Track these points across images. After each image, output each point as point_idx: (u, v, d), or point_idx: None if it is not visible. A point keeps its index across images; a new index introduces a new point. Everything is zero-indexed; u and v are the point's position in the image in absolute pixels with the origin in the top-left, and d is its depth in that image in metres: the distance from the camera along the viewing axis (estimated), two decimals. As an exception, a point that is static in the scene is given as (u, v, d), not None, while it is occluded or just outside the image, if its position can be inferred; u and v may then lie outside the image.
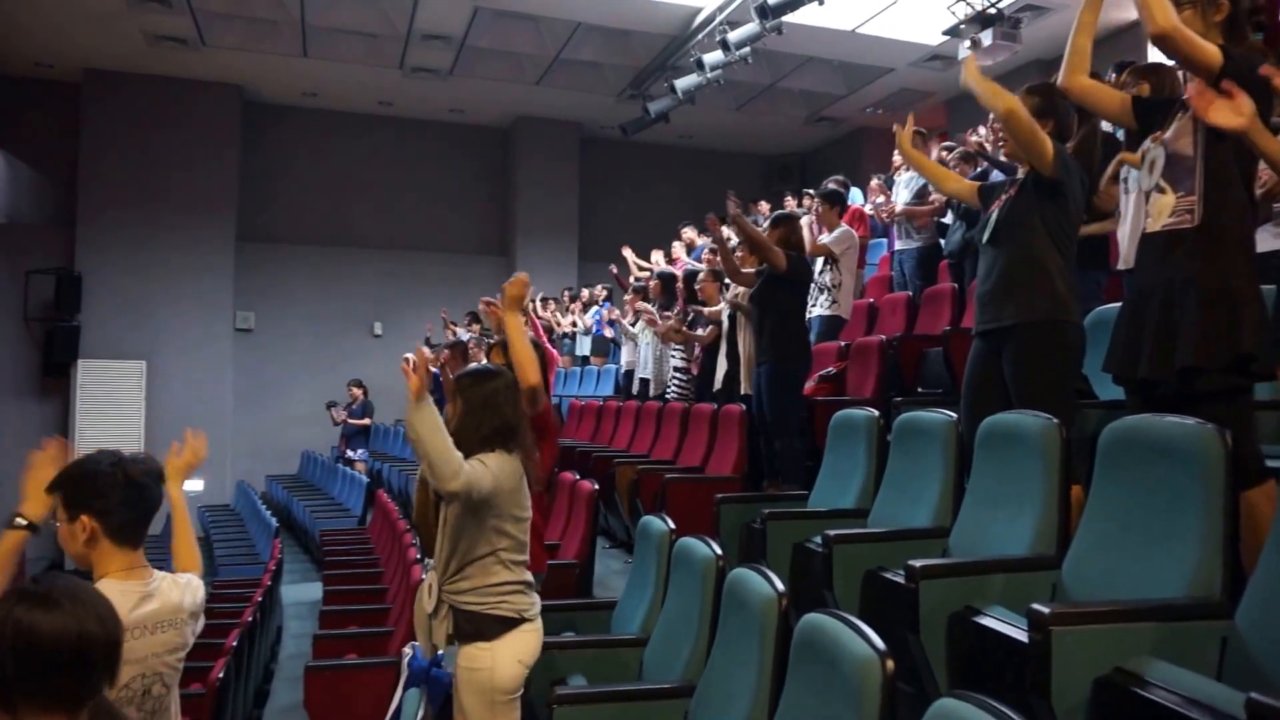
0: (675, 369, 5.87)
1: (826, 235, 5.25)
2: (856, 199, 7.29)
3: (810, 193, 7.75)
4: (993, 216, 2.64)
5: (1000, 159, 4.29)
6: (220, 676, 2.94)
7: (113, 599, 1.23)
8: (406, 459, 8.52)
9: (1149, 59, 3.71)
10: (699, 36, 8.50)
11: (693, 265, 6.93)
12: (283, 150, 11.46)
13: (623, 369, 7.40)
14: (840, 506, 2.92)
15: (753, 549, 2.88)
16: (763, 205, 8.99)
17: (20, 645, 1.11)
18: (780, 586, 1.86)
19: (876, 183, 6.42)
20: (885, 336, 4.66)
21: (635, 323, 6.66)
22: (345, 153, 11.66)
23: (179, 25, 8.97)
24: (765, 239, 4.10)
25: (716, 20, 8.04)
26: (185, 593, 1.71)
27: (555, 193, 11.98)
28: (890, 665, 1.36)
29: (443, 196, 12.09)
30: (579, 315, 9.32)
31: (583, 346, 9.14)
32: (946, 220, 5.35)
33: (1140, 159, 2.23)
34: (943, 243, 5.43)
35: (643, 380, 6.54)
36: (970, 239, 5.10)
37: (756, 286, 4.22)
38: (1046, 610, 1.49)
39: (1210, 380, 1.95)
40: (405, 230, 11.89)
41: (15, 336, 10.12)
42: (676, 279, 6.38)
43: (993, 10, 7.48)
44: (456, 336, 7.85)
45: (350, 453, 9.88)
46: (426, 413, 1.99)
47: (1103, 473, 1.89)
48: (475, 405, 2.21)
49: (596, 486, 3.90)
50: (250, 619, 3.89)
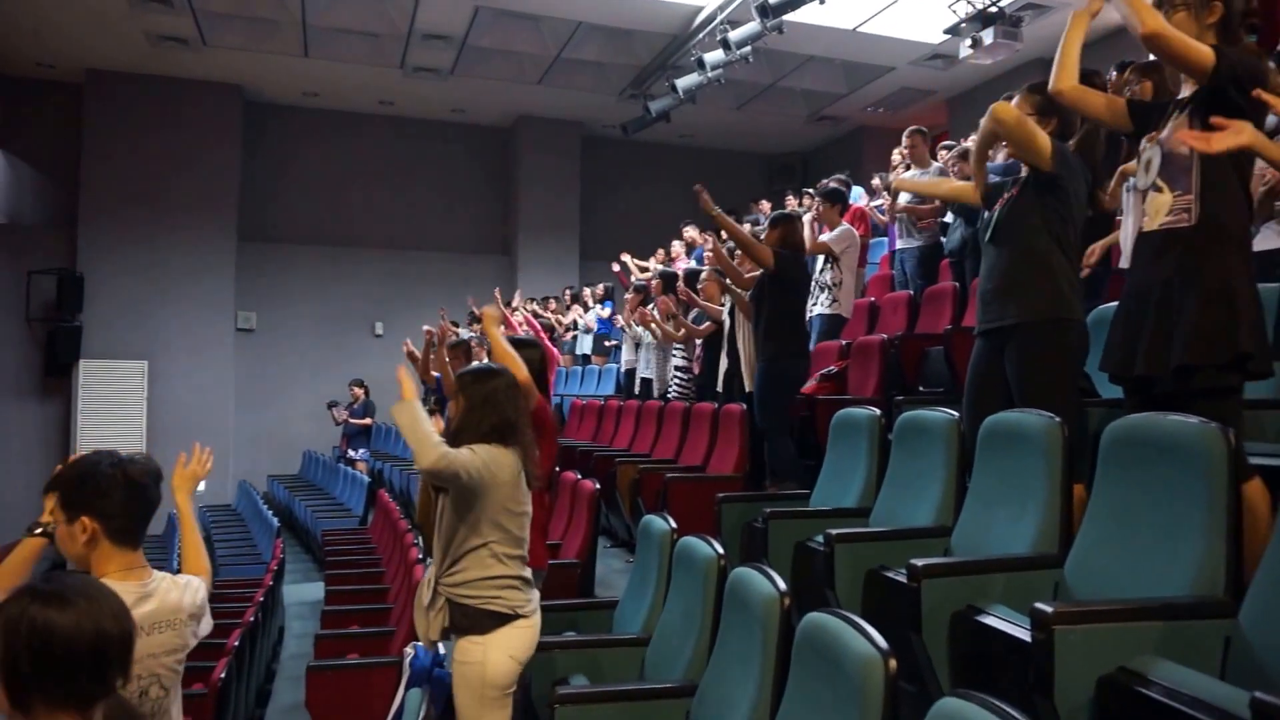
0: (676, 368, 5.87)
1: (827, 234, 5.24)
2: (858, 197, 7.28)
3: (810, 192, 7.75)
4: (994, 215, 2.63)
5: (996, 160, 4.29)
6: (222, 676, 2.94)
7: None
8: (408, 459, 8.52)
9: (1149, 58, 3.71)
10: (700, 36, 8.50)
11: (694, 265, 6.93)
12: (284, 150, 11.46)
13: (623, 368, 7.40)
14: (842, 505, 2.92)
15: (754, 548, 2.88)
16: (764, 205, 8.99)
17: (37, 644, 1.11)
18: (782, 586, 1.86)
19: (879, 182, 6.42)
20: (886, 335, 4.65)
21: (635, 324, 6.66)
22: (346, 152, 11.67)
23: (180, 25, 8.97)
24: (750, 238, 4.14)
25: (717, 19, 8.04)
26: (185, 593, 1.70)
27: (556, 192, 11.98)
28: (893, 664, 1.36)
29: (444, 196, 12.09)
30: (579, 315, 9.32)
31: (583, 346, 9.14)
32: (948, 219, 5.35)
33: (1136, 158, 2.22)
34: (944, 241, 5.42)
35: (644, 380, 6.54)
36: (969, 238, 5.11)
37: (754, 286, 4.25)
38: (1050, 609, 1.49)
39: (1205, 378, 1.95)
40: (406, 230, 11.89)
41: (17, 337, 10.13)
42: (677, 278, 6.38)
43: (994, 9, 7.47)
44: (458, 336, 7.84)
45: (352, 452, 9.89)
46: (408, 406, 2.16)
47: (1105, 471, 1.88)
48: (476, 403, 2.25)
49: (598, 486, 3.90)
50: (252, 619, 3.89)
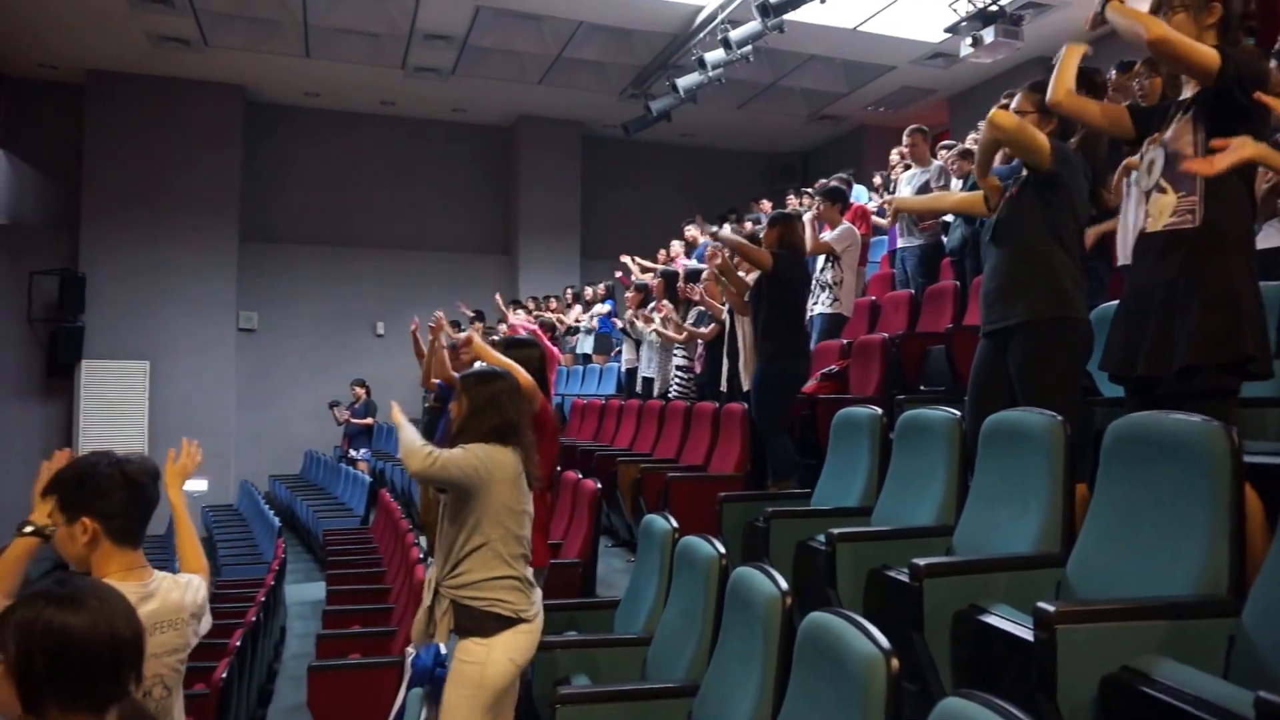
0: (678, 367, 5.87)
1: (828, 233, 5.24)
2: (861, 196, 7.27)
3: (809, 192, 7.74)
4: (996, 216, 2.63)
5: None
6: (224, 676, 2.94)
7: None
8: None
9: (1140, 61, 3.71)
10: (701, 35, 8.49)
11: (694, 265, 6.92)
12: (285, 150, 11.47)
13: (624, 368, 7.40)
14: (843, 505, 2.91)
15: (755, 548, 2.88)
16: (765, 204, 8.99)
17: (53, 647, 1.10)
18: (784, 585, 1.86)
19: (880, 181, 6.42)
20: (887, 334, 4.65)
21: (637, 322, 6.66)
22: (348, 152, 11.67)
23: (182, 26, 8.98)
24: (747, 247, 4.16)
25: (718, 19, 8.03)
26: (186, 592, 1.70)
27: (557, 191, 11.98)
28: (895, 664, 1.35)
29: (445, 196, 12.09)
30: (579, 314, 9.32)
31: (584, 345, 9.14)
32: (949, 218, 5.34)
33: (1139, 160, 2.22)
34: (945, 240, 5.42)
35: (646, 379, 6.54)
36: (969, 237, 5.10)
37: (752, 286, 4.27)
38: (1052, 608, 1.49)
39: (1207, 379, 1.95)
40: (408, 230, 11.90)
41: (19, 337, 10.14)
42: (678, 276, 6.38)
43: (994, 7, 7.46)
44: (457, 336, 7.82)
45: (353, 452, 9.89)
46: (397, 423, 2.32)
47: (1108, 470, 1.88)
48: (479, 404, 2.25)
49: (599, 485, 3.89)
50: (254, 619, 3.89)
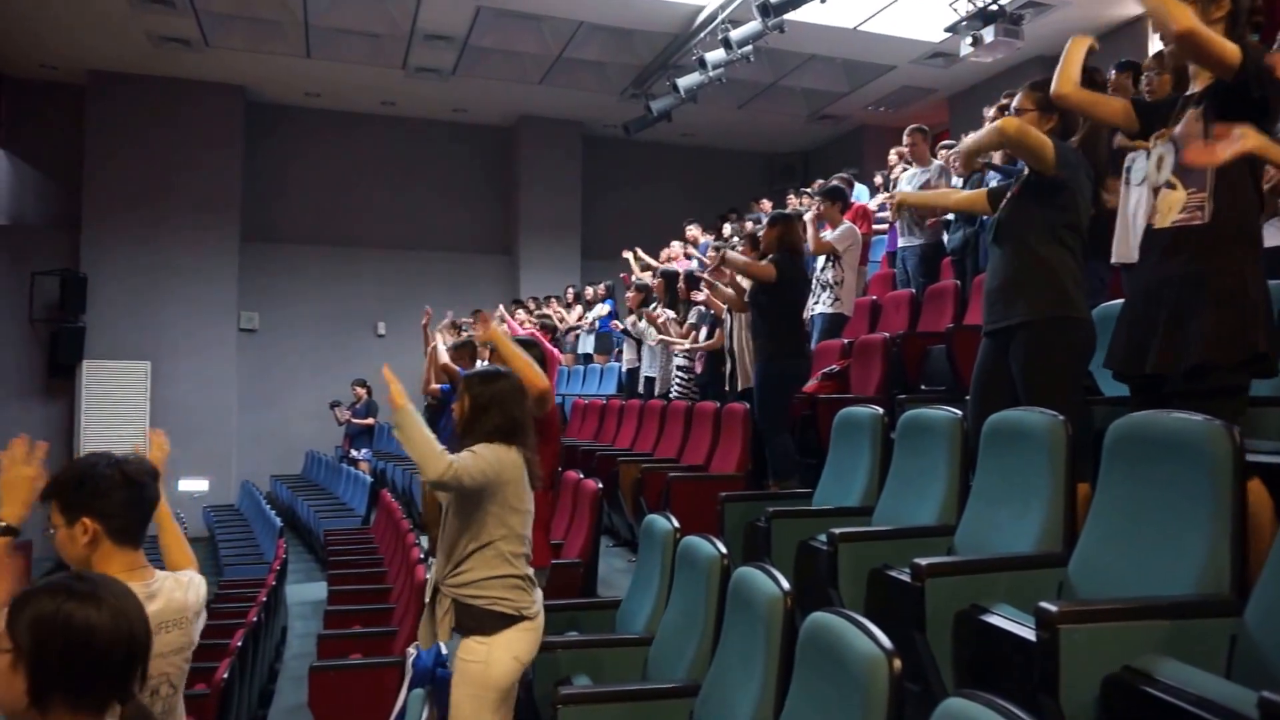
0: (679, 367, 5.87)
1: (829, 232, 5.24)
2: (862, 196, 7.27)
3: (808, 193, 7.74)
4: (997, 215, 2.63)
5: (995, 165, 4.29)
6: (225, 677, 2.94)
7: None
8: (410, 458, 8.51)
9: (1149, 56, 3.70)
10: (701, 35, 8.49)
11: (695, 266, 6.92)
12: (286, 151, 11.47)
13: (625, 368, 7.40)
14: (845, 505, 2.91)
15: (757, 547, 2.88)
16: (765, 204, 8.99)
17: (72, 641, 1.09)
18: (785, 585, 1.86)
19: (881, 181, 6.42)
20: (888, 334, 4.65)
21: (640, 321, 6.66)
22: (348, 153, 11.67)
23: (183, 27, 8.98)
24: (752, 266, 4.18)
25: (718, 19, 8.03)
26: (189, 591, 1.70)
27: (558, 191, 11.98)
28: (897, 664, 1.35)
29: (446, 196, 12.10)
30: (580, 315, 9.32)
31: (585, 345, 9.14)
32: (949, 216, 5.33)
33: (1148, 153, 2.21)
34: (945, 240, 5.41)
35: (649, 379, 6.54)
36: (970, 236, 5.10)
37: (751, 289, 4.28)
38: (1054, 608, 1.48)
39: (1218, 377, 1.94)
40: (408, 230, 11.90)
41: (21, 338, 10.15)
42: (679, 277, 6.38)
43: (994, 7, 7.45)
44: (461, 336, 7.84)
45: (354, 452, 9.89)
46: (407, 415, 2.11)
47: (1109, 469, 1.87)
48: (483, 404, 2.25)
49: (600, 485, 3.89)
50: (255, 619, 3.90)
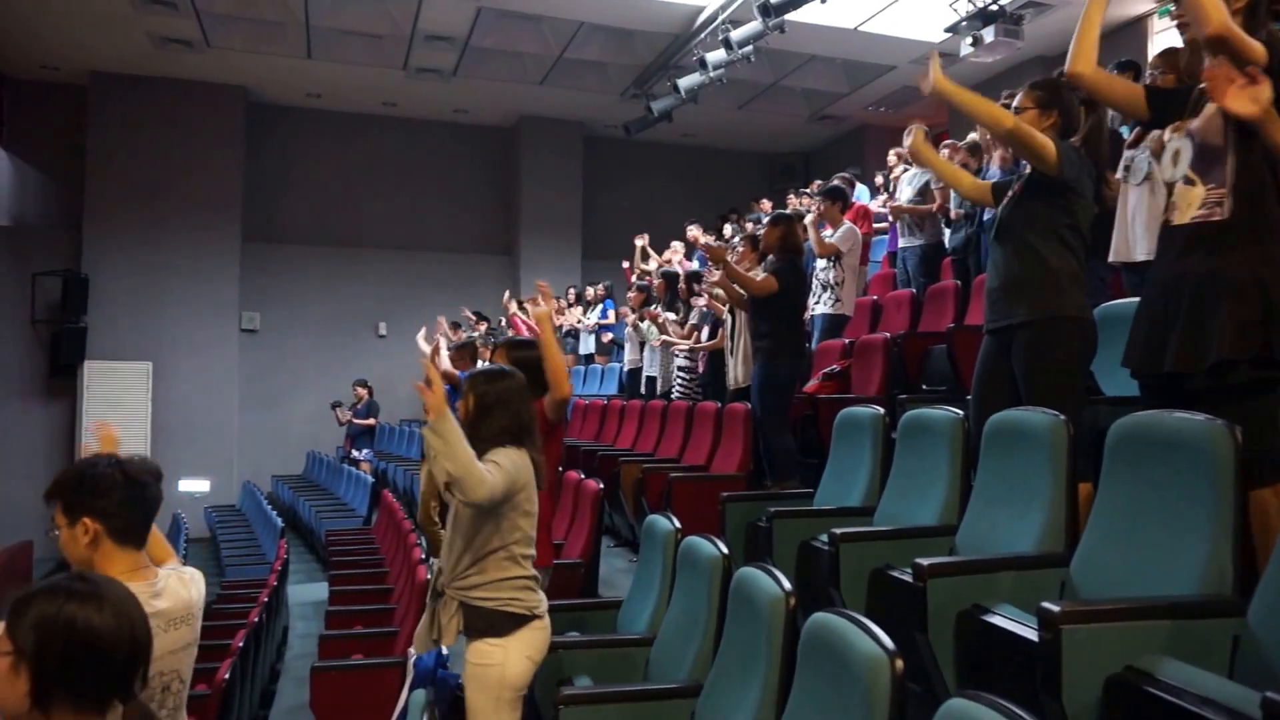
0: (680, 367, 5.87)
1: (830, 232, 5.24)
2: (862, 196, 7.27)
3: (808, 193, 7.74)
4: (999, 213, 2.62)
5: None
6: (226, 677, 2.94)
7: None
8: (411, 458, 8.53)
9: (1149, 56, 3.69)
10: (702, 35, 8.50)
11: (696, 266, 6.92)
12: (287, 151, 11.48)
13: (626, 368, 7.40)
14: (846, 505, 2.91)
15: (758, 548, 2.88)
16: (765, 204, 8.99)
17: (75, 642, 1.10)
18: (787, 585, 1.85)
19: (881, 181, 6.42)
20: (889, 334, 4.65)
21: (643, 321, 6.66)
22: (350, 153, 11.68)
23: (184, 28, 8.99)
24: (751, 281, 4.18)
25: (719, 19, 8.03)
26: (193, 588, 1.72)
27: (559, 192, 11.99)
28: (899, 665, 1.34)
29: (447, 196, 12.10)
30: (581, 315, 9.32)
31: (586, 345, 9.14)
32: (951, 209, 5.31)
33: (1162, 148, 2.17)
34: (946, 240, 5.41)
35: (650, 378, 6.55)
36: (971, 236, 5.10)
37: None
38: (1057, 608, 1.48)
39: (1242, 374, 1.90)
40: (409, 230, 11.90)
41: (22, 338, 10.16)
42: (679, 278, 6.38)
43: (994, 7, 7.45)
44: (461, 337, 7.85)
45: (355, 452, 9.90)
46: (448, 428, 1.98)
47: (1111, 469, 1.87)
48: (489, 404, 2.22)
49: (601, 485, 3.89)
50: (256, 619, 3.90)
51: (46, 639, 1.10)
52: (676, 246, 8.24)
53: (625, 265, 8.66)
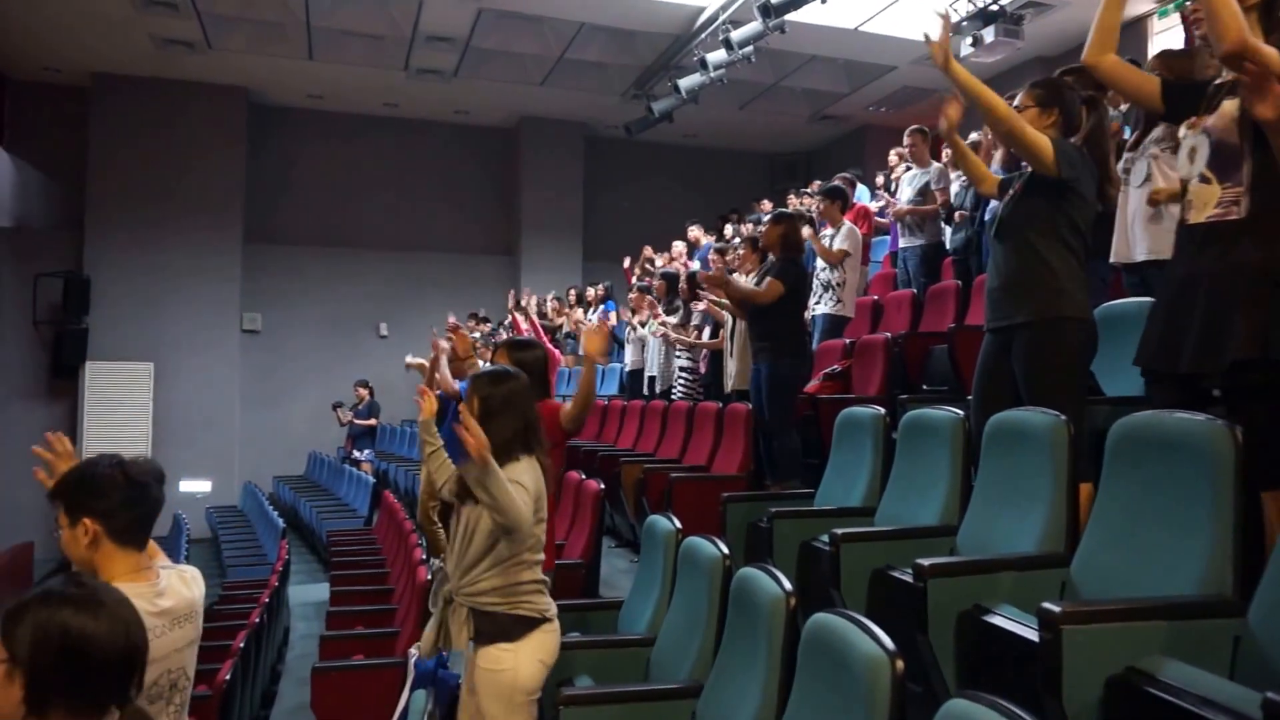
0: (681, 368, 5.87)
1: (830, 232, 5.23)
2: (863, 196, 7.27)
3: (809, 193, 7.74)
4: (1000, 212, 2.62)
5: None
6: (227, 678, 2.94)
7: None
8: (412, 459, 8.53)
9: (1148, 56, 3.68)
10: (702, 36, 8.50)
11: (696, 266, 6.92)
12: (289, 152, 11.50)
13: (627, 369, 7.40)
14: (847, 505, 2.91)
15: (759, 548, 2.87)
16: (765, 204, 8.99)
17: (72, 650, 1.09)
18: (788, 586, 1.85)
19: (883, 181, 6.42)
20: (890, 334, 4.65)
21: (645, 322, 6.67)
22: (351, 154, 11.70)
23: (186, 29, 9.00)
24: (752, 291, 4.16)
25: (719, 20, 8.04)
26: (194, 587, 1.72)
27: (560, 192, 12.00)
28: (900, 665, 1.35)
29: (448, 197, 12.11)
30: (581, 316, 9.32)
31: (587, 346, 9.12)
32: (953, 197, 5.30)
33: (1178, 145, 2.15)
34: (946, 240, 5.41)
35: (651, 378, 6.55)
36: (972, 236, 5.09)
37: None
38: (1057, 609, 1.48)
39: (1262, 374, 1.87)
40: (410, 231, 11.92)
41: (24, 339, 10.18)
42: (679, 278, 6.38)
43: (995, 7, 7.45)
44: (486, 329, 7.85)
45: (356, 453, 9.90)
46: (495, 482, 1.99)
47: (1112, 469, 1.87)
48: (495, 406, 2.20)
49: (602, 486, 3.89)
50: (257, 620, 3.90)
51: (41, 646, 1.10)
52: (679, 248, 8.24)
53: (625, 265, 8.65)
